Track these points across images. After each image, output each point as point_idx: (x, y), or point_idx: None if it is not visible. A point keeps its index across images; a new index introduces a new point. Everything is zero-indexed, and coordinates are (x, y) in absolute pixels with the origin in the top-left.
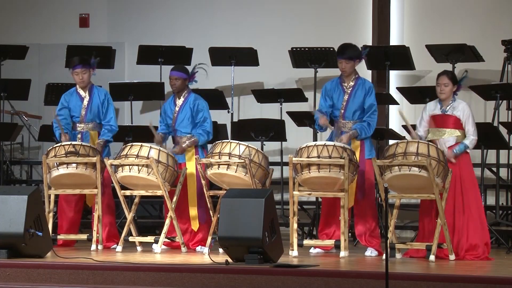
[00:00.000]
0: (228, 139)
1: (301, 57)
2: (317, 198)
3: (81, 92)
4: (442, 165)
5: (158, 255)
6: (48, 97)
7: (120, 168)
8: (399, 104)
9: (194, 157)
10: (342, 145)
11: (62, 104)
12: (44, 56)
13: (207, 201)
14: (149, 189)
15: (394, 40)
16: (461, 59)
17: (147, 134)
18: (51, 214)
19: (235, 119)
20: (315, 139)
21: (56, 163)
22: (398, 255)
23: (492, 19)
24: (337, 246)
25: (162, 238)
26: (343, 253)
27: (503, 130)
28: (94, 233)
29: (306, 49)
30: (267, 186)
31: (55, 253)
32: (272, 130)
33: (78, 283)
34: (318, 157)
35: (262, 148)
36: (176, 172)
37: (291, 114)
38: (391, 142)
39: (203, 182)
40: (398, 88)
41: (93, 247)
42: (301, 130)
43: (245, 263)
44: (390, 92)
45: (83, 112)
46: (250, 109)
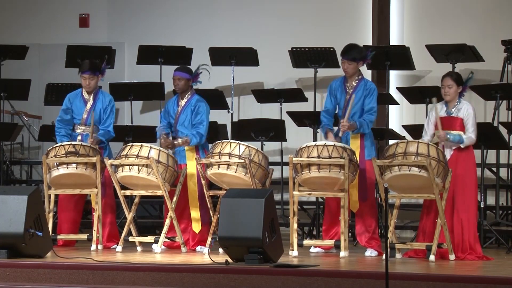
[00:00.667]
0: (228, 139)
1: (301, 57)
2: (317, 198)
3: (86, 95)
4: (442, 165)
5: (158, 255)
6: (48, 97)
7: (120, 168)
8: (399, 104)
9: (195, 157)
10: (342, 145)
11: (66, 104)
12: (44, 56)
13: (207, 201)
14: (149, 189)
15: (394, 40)
16: (461, 59)
17: (147, 134)
18: (51, 214)
19: (235, 119)
20: (315, 139)
21: (56, 163)
22: (398, 255)
23: (492, 19)
24: (337, 246)
25: (162, 238)
26: (343, 253)
27: (503, 130)
28: (94, 233)
29: (306, 49)
30: (267, 186)
31: (55, 253)
32: (272, 130)
33: (78, 283)
34: (318, 157)
35: (262, 148)
36: (176, 172)
37: (291, 114)
38: (391, 142)
39: (203, 182)
40: (398, 88)
41: (93, 247)
42: (301, 130)
43: (245, 263)
44: (390, 92)
45: (84, 115)
46: (250, 109)
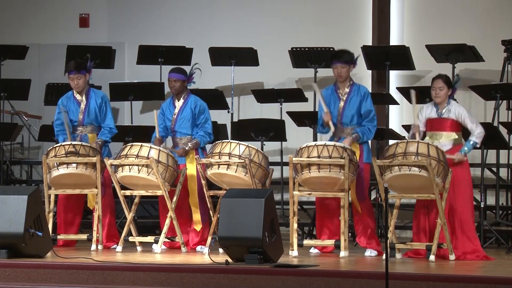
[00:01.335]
0: (228, 139)
1: (301, 57)
2: (317, 198)
3: (78, 96)
4: (442, 165)
5: (158, 255)
6: (48, 97)
7: (120, 168)
8: (399, 104)
9: (195, 157)
10: (342, 145)
11: (60, 108)
12: (44, 56)
13: (207, 201)
14: (149, 189)
15: (394, 40)
16: (461, 59)
17: (147, 134)
18: (51, 214)
19: (235, 119)
20: (315, 139)
21: (56, 163)
22: (398, 255)
23: (492, 19)
24: (337, 246)
25: (162, 238)
26: (343, 253)
27: (503, 130)
28: (94, 233)
29: (306, 49)
30: (267, 186)
31: (55, 253)
32: (272, 130)
33: (78, 283)
34: (318, 157)
35: (262, 148)
36: (176, 172)
37: (291, 114)
38: (391, 142)
39: (203, 182)
40: (398, 88)
41: (93, 247)
42: (301, 130)
43: (245, 263)
44: (390, 92)
45: (80, 116)
46: (250, 109)
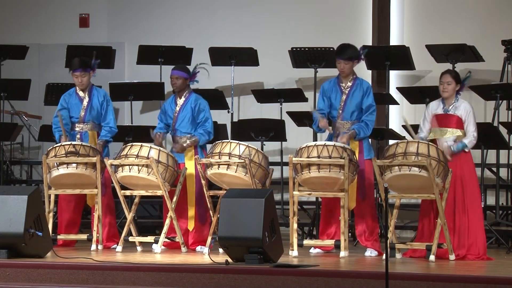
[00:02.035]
0: (228, 139)
1: (301, 57)
2: (317, 198)
3: (80, 93)
4: (442, 165)
5: (158, 255)
6: (48, 97)
7: (120, 168)
8: (399, 104)
9: (194, 157)
10: (342, 145)
11: (62, 105)
12: (44, 56)
13: (207, 201)
14: (149, 189)
15: (394, 40)
16: (461, 59)
17: (147, 134)
18: (51, 214)
19: (235, 119)
20: (315, 139)
21: (56, 163)
22: (398, 255)
23: (492, 19)
24: (337, 246)
25: (162, 238)
26: (343, 253)
27: (503, 130)
28: (94, 233)
29: (306, 49)
30: (267, 186)
31: (55, 253)
32: (272, 130)
33: (78, 283)
34: (318, 157)
35: (262, 148)
36: (176, 172)
37: (291, 114)
38: (391, 142)
39: (203, 182)
40: (398, 88)
41: (93, 247)
42: (301, 130)
43: (245, 263)
44: (390, 92)
45: (82, 113)
46: (250, 109)
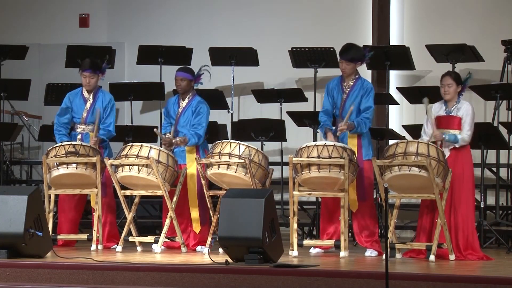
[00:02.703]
0: (228, 139)
1: (301, 57)
2: (317, 198)
3: (85, 94)
4: (442, 165)
5: (158, 255)
6: (48, 97)
7: (120, 168)
8: (399, 104)
9: (194, 157)
10: (342, 145)
11: (66, 103)
12: (44, 56)
13: (207, 201)
14: (149, 189)
15: (394, 40)
16: (461, 59)
17: (147, 134)
18: (51, 214)
19: (235, 119)
20: (315, 139)
21: (56, 163)
22: (398, 255)
23: (492, 19)
24: (337, 246)
25: (162, 238)
26: (343, 253)
27: (503, 130)
28: (94, 233)
29: (306, 49)
30: (267, 186)
31: (55, 253)
32: (272, 130)
33: (78, 283)
34: (318, 157)
35: (262, 148)
36: (176, 172)
37: (291, 114)
38: (391, 142)
39: (203, 182)
40: (398, 88)
41: (93, 247)
42: (301, 130)
43: (245, 263)
44: (390, 92)
45: (84, 114)
46: (250, 109)
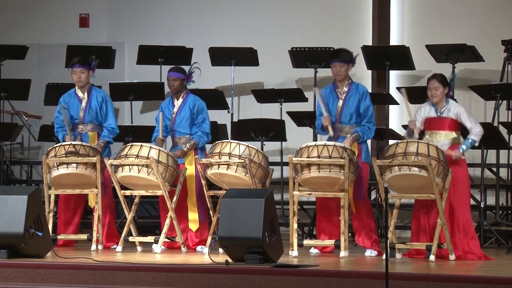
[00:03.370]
0: (228, 139)
1: (301, 57)
2: (317, 198)
3: (79, 93)
4: (442, 165)
5: (158, 255)
6: (48, 97)
7: (120, 168)
8: (399, 104)
9: (194, 158)
10: (342, 145)
11: (60, 106)
12: (44, 56)
13: (207, 201)
14: (149, 189)
15: (394, 40)
16: (461, 59)
17: (147, 134)
18: (51, 214)
19: (235, 119)
20: (315, 139)
21: (56, 163)
22: (398, 255)
23: (492, 19)
24: (337, 246)
25: (162, 238)
26: (343, 253)
27: (503, 130)
28: (94, 233)
29: (306, 49)
30: (267, 186)
31: (55, 253)
32: (272, 130)
33: (78, 283)
34: (318, 157)
35: (262, 148)
36: (176, 172)
37: (291, 114)
38: (391, 142)
39: (203, 182)
40: (398, 88)
41: (93, 247)
42: (301, 130)
43: (245, 263)
44: (390, 92)
45: (81, 114)
46: (250, 109)
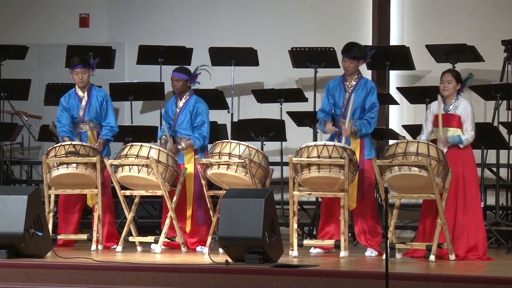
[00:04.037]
0: (228, 139)
1: (301, 57)
2: (317, 198)
3: (79, 93)
4: (442, 165)
5: (158, 255)
6: (48, 97)
7: (120, 168)
8: (399, 104)
9: (194, 158)
10: (342, 145)
11: (63, 105)
12: (44, 56)
13: (207, 201)
14: (149, 189)
15: (394, 40)
16: (461, 59)
17: (147, 134)
18: (51, 214)
19: (235, 119)
20: (315, 139)
21: (56, 163)
22: (398, 255)
23: (492, 19)
24: (337, 246)
25: (162, 238)
26: (343, 253)
27: (503, 130)
28: (94, 233)
29: (306, 49)
30: (267, 186)
31: (55, 253)
32: (272, 130)
33: (78, 283)
34: (318, 157)
35: (262, 148)
36: (176, 172)
37: (291, 114)
38: (391, 142)
39: (203, 182)
40: (398, 88)
41: (93, 247)
42: (301, 130)
43: (245, 263)
44: (390, 92)
45: (81, 113)
46: (250, 109)
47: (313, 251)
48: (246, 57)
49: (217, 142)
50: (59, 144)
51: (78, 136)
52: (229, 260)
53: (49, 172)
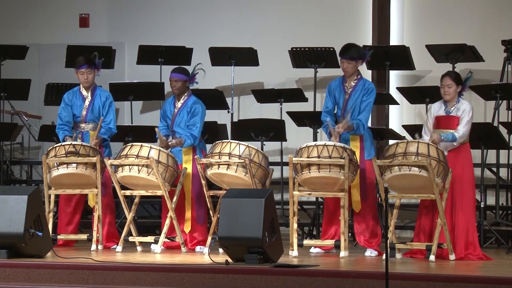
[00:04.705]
0: (228, 139)
1: (301, 57)
2: (317, 198)
3: (84, 92)
4: (442, 165)
5: (158, 255)
6: (48, 97)
7: (120, 168)
8: (399, 104)
9: (193, 158)
10: (342, 145)
11: (65, 102)
12: (44, 56)
13: (207, 201)
14: (149, 189)
15: (394, 40)
16: (461, 59)
17: (147, 134)
18: (51, 214)
19: (235, 119)
20: (315, 139)
21: (56, 163)
22: (398, 255)
23: (492, 19)
24: (337, 246)
25: (162, 238)
26: (343, 253)
27: (503, 130)
28: (94, 233)
29: (306, 49)
30: (267, 186)
31: (55, 253)
32: (272, 130)
33: (78, 283)
34: (318, 157)
35: (262, 148)
36: (176, 172)
37: (291, 114)
38: (391, 142)
39: (203, 182)
40: (398, 88)
41: (93, 247)
42: (301, 130)
43: (245, 263)
44: (390, 92)
45: (83, 112)
46: (250, 109)
47: (313, 251)
48: (246, 57)
49: (217, 142)
50: (59, 144)
51: (80, 135)
52: (229, 260)
53: (49, 172)
